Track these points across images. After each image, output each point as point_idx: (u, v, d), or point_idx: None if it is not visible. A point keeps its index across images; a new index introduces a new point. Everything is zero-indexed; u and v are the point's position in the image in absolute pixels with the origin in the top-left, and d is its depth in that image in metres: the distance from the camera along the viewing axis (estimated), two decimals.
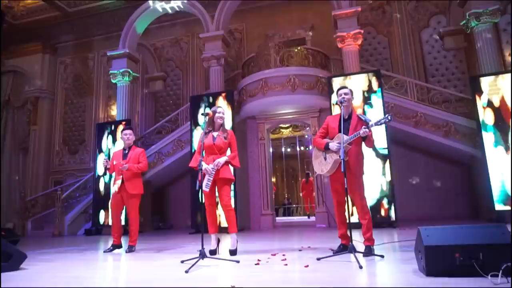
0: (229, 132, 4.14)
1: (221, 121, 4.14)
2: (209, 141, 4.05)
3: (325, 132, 3.91)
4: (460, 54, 9.09)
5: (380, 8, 9.66)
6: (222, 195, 3.99)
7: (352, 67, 7.88)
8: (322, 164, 3.80)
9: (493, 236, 2.40)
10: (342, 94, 3.81)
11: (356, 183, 3.65)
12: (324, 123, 3.97)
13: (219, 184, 3.99)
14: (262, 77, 7.87)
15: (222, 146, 4.01)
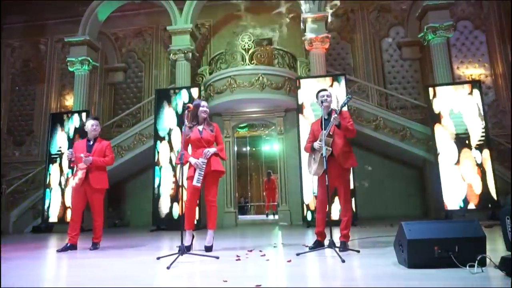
0: (214, 125, 4.10)
1: (205, 115, 4.07)
2: (196, 135, 3.97)
3: (312, 137, 4.02)
4: (415, 64, 9.71)
5: (345, 15, 10.03)
6: (210, 190, 3.93)
7: (319, 69, 8.11)
8: (312, 166, 3.88)
9: (468, 230, 2.60)
10: (325, 95, 3.93)
11: (343, 178, 3.78)
12: (310, 129, 4.08)
13: (209, 178, 3.91)
14: (230, 74, 7.84)
15: (210, 138, 3.96)
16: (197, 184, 3.81)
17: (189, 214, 3.97)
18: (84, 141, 4.60)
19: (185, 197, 3.91)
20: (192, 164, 3.87)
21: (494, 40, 9.49)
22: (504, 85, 9.26)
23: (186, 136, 3.99)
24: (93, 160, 4.36)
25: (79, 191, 4.41)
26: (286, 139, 8.61)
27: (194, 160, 3.84)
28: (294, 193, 8.31)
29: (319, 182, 3.93)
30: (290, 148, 8.54)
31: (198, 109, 4.04)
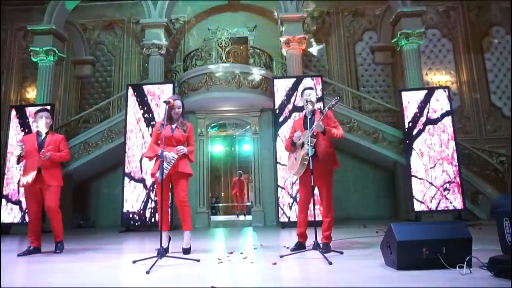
0: (188, 125, 3.93)
1: (179, 113, 3.90)
2: (168, 132, 3.78)
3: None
4: (387, 69, 9.96)
5: (320, 17, 10.12)
6: (179, 190, 3.75)
7: (295, 70, 8.11)
8: (294, 165, 3.81)
9: (454, 231, 2.62)
10: (308, 94, 3.88)
11: (325, 179, 3.72)
12: (292, 127, 4.02)
13: (175, 178, 3.75)
14: (206, 71, 7.66)
15: (181, 138, 3.78)
16: (160, 177, 3.61)
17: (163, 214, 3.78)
18: (33, 134, 4.19)
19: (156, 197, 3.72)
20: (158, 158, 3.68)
21: (459, 49, 9.93)
22: (468, 92, 9.70)
23: (158, 131, 3.81)
24: (50, 155, 4.00)
25: (32, 190, 4.02)
26: (261, 139, 8.53)
27: (166, 152, 3.66)
28: (268, 194, 8.25)
29: (301, 182, 3.87)
30: (264, 148, 8.48)
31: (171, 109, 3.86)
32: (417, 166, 7.32)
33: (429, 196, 7.19)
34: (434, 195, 7.18)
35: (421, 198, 7.19)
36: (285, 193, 7.23)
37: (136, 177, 7.27)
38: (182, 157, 3.75)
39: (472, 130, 9.49)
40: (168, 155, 3.62)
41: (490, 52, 9.87)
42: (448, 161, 7.29)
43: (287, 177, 7.26)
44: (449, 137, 7.38)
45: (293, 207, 7.14)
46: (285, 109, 7.52)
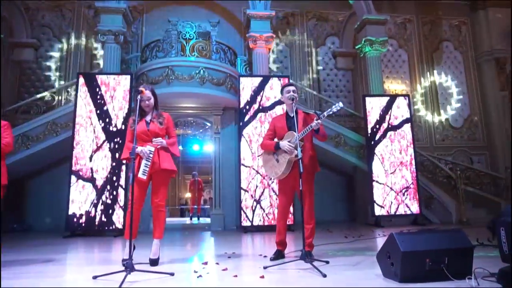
0: (165, 115, 3.50)
1: (151, 105, 3.45)
2: (142, 127, 3.34)
3: (273, 134, 3.71)
4: (348, 75, 10.11)
5: (285, 18, 10.01)
6: (158, 192, 3.32)
7: (261, 69, 7.88)
8: (275, 167, 3.53)
9: (456, 240, 2.51)
10: (291, 91, 3.65)
11: (308, 183, 3.51)
12: (270, 124, 3.78)
13: (157, 178, 3.30)
14: (168, 64, 7.14)
15: (158, 132, 3.35)
16: (142, 176, 3.19)
17: (133, 219, 3.31)
18: None
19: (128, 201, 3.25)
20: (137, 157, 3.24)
21: (414, 60, 10.38)
22: (420, 102, 10.16)
23: (131, 128, 3.36)
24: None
25: None
26: (223, 139, 8.18)
27: (140, 148, 3.22)
28: (229, 196, 7.91)
29: (282, 187, 3.61)
30: (226, 149, 8.13)
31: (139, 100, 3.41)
32: (378, 171, 7.44)
33: (389, 201, 7.33)
34: (393, 201, 7.35)
35: (381, 203, 7.31)
36: (248, 196, 6.94)
37: (85, 176, 6.53)
38: (163, 151, 3.32)
39: (423, 138, 9.94)
40: (144, 150, 3.18)
41: (440, 65, 10.44)
42: (406, 167, 7.50)
43: (250, 179, 6.98)
44: (408, 143, 7.61)
45: (256, 211, 6.88)
46: (251, 109, 7.25)
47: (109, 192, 6.51)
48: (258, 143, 7.08)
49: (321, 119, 3.35)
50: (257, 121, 7.21)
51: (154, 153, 3.26)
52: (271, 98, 7.31)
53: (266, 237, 5.94)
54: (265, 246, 4.85)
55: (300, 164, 3.14)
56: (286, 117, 3.69)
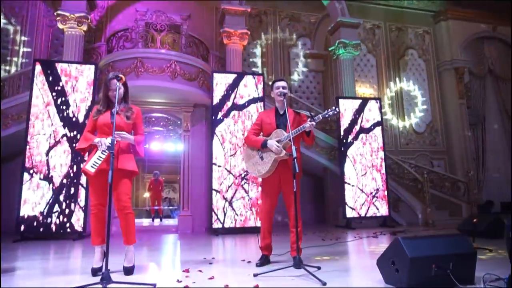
0: (135, 109, 3.15)
1: (120, 95, 3.10)
2: (105, 118, 2.98)
3: (259, 129, 3.49)
4: (318, 77, 10.13)
5: (258, 16, 9.84)
6: (120, 193, 2.95)
7: (235, 66, 7.65)
8: (258, 165, 3.31)
9: (459, 245, 2.44)
10: (280, 87, 3.46)
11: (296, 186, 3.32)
12: (257, 119, 3.56)
13: (115, 178, 2.93)
14: (138, 55, 6.68)
15: (123, 126, 2.99)
16: (90, 169, 2.80)
17: (97, 222, 2.95)
18: None
19: None
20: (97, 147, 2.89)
21: (381, 65, 10.63)
22: (387, 106, 10.41)
23: (93, 118, 3.00)
24: None
25: None
26: (193, 137, 7.82)
27: (99, 138, 2.87)
28: (197, 197, 7.58)
29: (266, 187, 3.40)
30: (196, 147, 7.79)
31: (108, 88, 3.06)
32: (350, 173, 7.46)
33: (359, 203, 7.37)
34: (363, 203, 7.40)
35: (352, 205, 7.33)
36: (219, 197, 6.65)
37: (40, 174, 5.91)
38: (125, 149, 2.98)
39: (389, 142, 10.18)
40: (102, 140, 2.82)
41: (405, 71, 10.78)
42: (377, 170, 7.60)
43: (222, 180, 6.71)
44: (379, 146, 7.72)
45: (228, 213, 6.62)
46: (224, 106, 6.98)
47: (68, 192, 5.94)
48: (232, 142, 6.83)
49: (315, 121, 3.18)
50: (231, 119, 6.95)
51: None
52: (245, 96, 7.09)
53: (239, 240, 5.72)
54: (244, 250, 4.61)
55: (295, 163, 2.96)
56: (275, 113, 3.49)
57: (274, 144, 3.22)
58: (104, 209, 2.96)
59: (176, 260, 3.77)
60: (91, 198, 2.95)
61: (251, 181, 6.78)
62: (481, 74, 11.20)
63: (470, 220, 5.29)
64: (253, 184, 6.78)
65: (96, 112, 3.06)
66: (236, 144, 6.86)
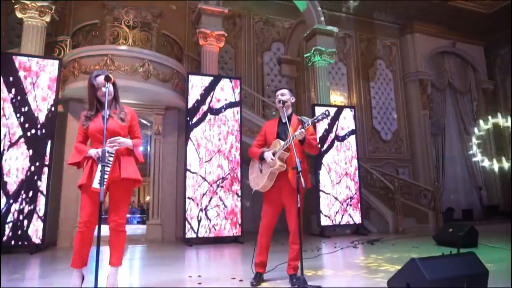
0: (128, 110, 2.83)
1: (111, 95, 2.77)
2: (98, 125, 2.65)
3: (263, 140, 3.29)
4: (291, 82, 10.10)
5: (232, 19, 9.62)
6: (117, 207, 2.64)
7: (211, 68, 7.37)
8: (258, 178, 3.13)
9: (472, 265, 2.38)
10: (278, 95, 3.30)
11: (295, 197, 3.14)
12: (262, 129, 3.38)
13: (115, 189, 2.62)
14: (108, 52, 6.20)
15: (119, 130, 2.68)
16: (97, 186, 2.43)
17: (84, 242, 2.60)
18: None
19: None
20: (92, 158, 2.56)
21: (352, 74, 10.82)
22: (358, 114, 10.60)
23: (83, 127, 2.66)
24: None
25: None
26: (164, 141, 7.42)
27: (95, 150, 2.54)
28: (168, 205, 7.18)
29: (268, 200, 3.20)
30: (168, 152, 7.39)
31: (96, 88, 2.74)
32: (325, 181, 7.44)
33: (334, 211, 7.37)
34: (337, 211, 7.41)
35: (327, 213, 7.30)
36: (193, 205, 6.33)
37: None
38: (125, 155, 2.66)
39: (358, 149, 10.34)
40: (99, 151, 2.49)
41: (374, 81, 11.06)
42: (351, 178, 7.64)
43: (197, 187, 6.40)
44: (353, 154, 7.78)
45: (202, 222, 6.31)
46: (200, 110, 6.68)
47: (25, 200, 5.35)
48: (208, 147, 6.55)
49: (305, 128, 3.03)
50: (206, 124, 6.67)
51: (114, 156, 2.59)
52: (221, 100, 6.84)
53: (215, 251, 5.46)
54: (228, 265, 4.37)
55: (299, 177, 2.79)
56: (278, 122, 3.31)
57: (269, 156, 3.05)
58: (93, 228, 2.61)
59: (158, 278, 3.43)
60: (82, 214, 2.58)
61: (226, 189, 6.53)
62: (441, 87, 11.77)
63: (445, 230, 5.42)
64: (229, 192, 6.53)
65: (85, 119, 2.70)
66: (212, 150, 6.58)
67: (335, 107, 7.98)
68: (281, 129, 3.21)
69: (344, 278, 3.28)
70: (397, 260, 4.16)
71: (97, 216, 2.60)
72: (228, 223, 6.48)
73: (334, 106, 8.19)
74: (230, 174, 6.62)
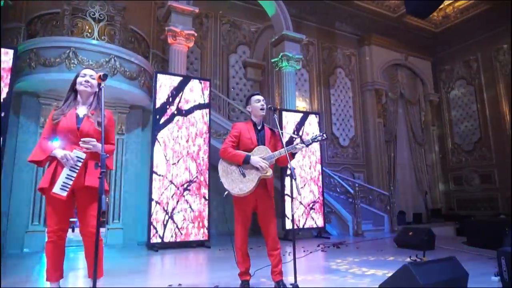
0: (106, 113, 2.62)
1: (91, 90, 2.61)
2: (69, 123, 2.44)
3: (237, 142, 3.22)
4: (256, 86, 10.15)
5: (199, 18, 9.46)
6: (89, 216, 2.44)
7: (179, 68, 7.19)
8: (240, 182, 3.04)
9: (455, 269, 2.55)
10: (261, 100, 3.31)
11: (273, 207, 3.18)
12: (235, 130, 3.27)
13: (81, 197, 2.43)
14: (72, 45, 5.80)
15: (93, 134, 2.48)
16: (61, 192, 2.28)
17: (57, 254, 2.41)
18: None
19: None
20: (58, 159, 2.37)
21: (314, 81, 11.13)
22: None
23: (53, 121, 2.45)
24: None
25: None
26: (127, 141, 7.10)
27: (63, 152, 2.35)
28: (130, 208, 6.87)
29: (243, 204, 3.14)
30: (131, 153, 7.08)
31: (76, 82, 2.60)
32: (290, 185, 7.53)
33: (298, 215, 7.50)
34: (302, 214, 7.56)
35: (289, 216, 7.41)
36: (159, 209, 6.11)
37: None
38: (92, 161, 2.45)
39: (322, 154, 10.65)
40: (69, 154, 2.31)
41: (334, 88, 11.47)
42: (315, 182, 7.84)
43: (163, 190, 6.18)
44: (317, 159, 7.99)
45: (168, 226, 6.11)
46: (168, 110, 6.48)
47: None
48: (175, 149, 6.36)
49: (306, 145, 3.10)
50: (174, 125, 6.48)
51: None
52: (190, 101, 6.68)
53: (183, 256, 5.33)
54: (203, 271, 4.26)
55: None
56: (255, 128, 3.28)
57: (261, 161, 3.02)
58: (65, 236, 2.42)
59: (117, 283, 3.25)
60: (50, 222, 2.38)
61: (194, 192, 6.39)
62: (394, 97, 12.51)
63: (405, 233, 5.75)
64: (196, 196, 6.40)
65: (58, 114, 2.48)
66: (180, 152, 6.41)
67: (301, 113, 8.15)
68: (259, 136, 3.20)
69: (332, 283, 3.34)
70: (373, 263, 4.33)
71: (67, 222, 2.46)
72: (195, 227, 6.34)
73: (300, 111, 8.36)
74: (197, 177, 6.49)
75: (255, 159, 3.04)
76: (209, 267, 4.62)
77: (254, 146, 3.16)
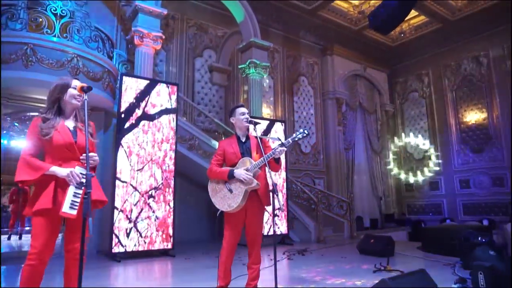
0: (91, 123, 2.52)
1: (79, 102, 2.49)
2: (66, 137, 2.32)
3: (222, 159, 3.23)
4: (221, 91, 10.08)
5: (165, 19, 9.20)
6: (75, 232, 2.29)
7: (145, 71, 6.97)
8: (228, 199, 3.04)
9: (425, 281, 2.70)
10: (246, 113, 3.33)
11: (260, 217, 3.18)
12: (219, 149, 3.28)
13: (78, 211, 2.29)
14: (30, 41, 5.40)
15: (90, 147, 2.35)
16: (71, 211, 2.18)
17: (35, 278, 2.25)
18: None
19: None
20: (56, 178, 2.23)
21: (278, 88, 11.28)
22: None
23: (42, 135, 2.29)
24: None
25: None
26: None
27: (66, 170, 2.23)
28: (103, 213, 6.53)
29: (232, 220, 3.15)
30: None
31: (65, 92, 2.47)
32: None
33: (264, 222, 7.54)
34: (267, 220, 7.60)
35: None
36: (123, 217, 5.88)
37: None
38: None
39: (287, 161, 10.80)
40: (75, 172, 2.19)
41: (297, 96, 11.71)
42: (280, 189, 7.93)
43: (127, 197, 5.95)
44: (282, 167, 8.09)
45: (131, 235, 5.89)
46: (133, 114, 6.25)
47: None
48: (140, 154, 6.14)
49: (286, 146, 3.12)
50: (140, 130, 6.26)
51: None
52: (157, 105, 6.51)
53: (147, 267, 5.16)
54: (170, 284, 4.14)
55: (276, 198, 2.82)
56: (238, 141, 3.28)
57: (243, 173, 3.02)
58: (46, 261, 2.25)
59: None
60: (34, 243, 2.20)
61: (159, 200, 6.21)
62: (353, 106, 13.02)
63: (367, 241, 5.99)
64: (161, 203, 6.22)
65: (46, 127, 2.29)
66: (145, 158, 6.21)
67: (268, 120, 8.23)
68: (243, 148, 3.21)
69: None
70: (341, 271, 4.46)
71: (53, 247, 2.29)
72: (160, 235, 6.17)
73: (267, 119, 8.44)
74: (163, 184, 6.33)
75: (238, 172, 3.04)
76: (175, 279, 4.51)
77: (239, 159, 3.16)
